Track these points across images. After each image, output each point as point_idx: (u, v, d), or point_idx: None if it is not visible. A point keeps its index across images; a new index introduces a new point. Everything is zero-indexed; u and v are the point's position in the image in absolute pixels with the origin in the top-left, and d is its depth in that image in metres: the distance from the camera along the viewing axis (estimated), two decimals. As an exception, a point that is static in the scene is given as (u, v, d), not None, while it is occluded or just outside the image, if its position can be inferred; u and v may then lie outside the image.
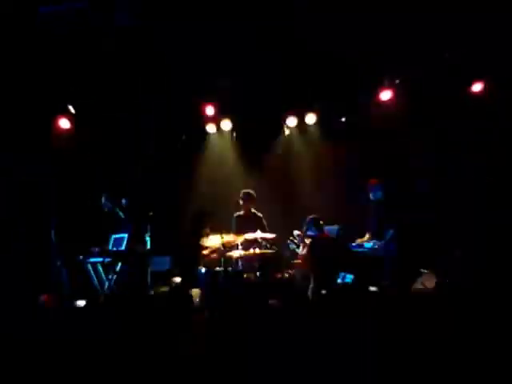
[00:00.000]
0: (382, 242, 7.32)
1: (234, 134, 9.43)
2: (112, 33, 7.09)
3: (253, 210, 7.91)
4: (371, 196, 7.74)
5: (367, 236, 7.68)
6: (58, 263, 7.45)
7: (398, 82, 8.15)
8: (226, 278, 6.97)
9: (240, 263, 7.43)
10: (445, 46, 7.49)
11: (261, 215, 7.89)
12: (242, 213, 7.91)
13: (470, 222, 7.85)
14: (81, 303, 5.83)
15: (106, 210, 7.90)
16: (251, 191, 7.93)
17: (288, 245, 7.52)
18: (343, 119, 8.90)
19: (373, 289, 6.28)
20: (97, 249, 7.65)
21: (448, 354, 3.60)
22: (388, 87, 8.23)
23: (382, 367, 3.51)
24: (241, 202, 7.83)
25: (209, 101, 8.79)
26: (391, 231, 7.32)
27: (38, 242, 7.99)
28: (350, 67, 7.88)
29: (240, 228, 7.55)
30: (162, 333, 4.25)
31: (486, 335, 3.77)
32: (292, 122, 9.11)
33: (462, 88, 8.00)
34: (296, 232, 7.42)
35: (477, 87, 7.92)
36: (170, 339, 4.14)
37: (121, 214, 7.89)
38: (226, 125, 9.18)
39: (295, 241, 7.43)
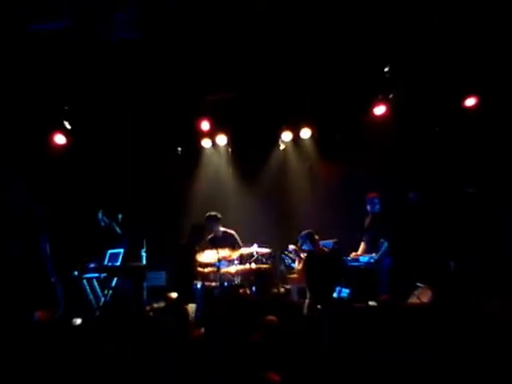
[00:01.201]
0: (378, 255, 7.37)
1: (230, 149, 9.47)
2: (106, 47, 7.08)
3: (222, 229, 7.88)
4: (369, 209, 7.83)
5: (362, 248, 7.73)
6: (53, 279, 7.41)
7: (391, 96, 8.20)
8: (222, 292, 6.96)
9: (236, 278, 7.41)
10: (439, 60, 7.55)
11: (233, 232, 7.86)
12: (212, 235, 7.88)
13: (463, 235, 7.89)
14: (77, 321, 5.78)
15: (103, 225, 7.90)
16: (213, 213, 7.82)
17: (283, 259, 7.51)
18: (337, 136, 8.96)
19: (371, 303, 6.26)
20: (92, 264, 7.65)
21: (444, 367, 3.61)
22: (382, 102, 8.28)
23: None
24: (206, 227, 7.76)
25: (204, 115, 8.82)
26: (386, 244, 7.38)
27: (33, 257, 7.94)
28: (346, 81, 7.95)
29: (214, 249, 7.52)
30: (157, 348, 4.24)
31: (482, 347, 3.77)
32: (287, 136, 9.17)
33: (456, 102, 8.06)
34: (291, 246, 7.42)
35: (470, 102, 7.97)
36: (166, 354, 4.13)
37: (117, 229, 7.89)
38: (222, 139, 9.24)
39: (290, 255, 7.43)
